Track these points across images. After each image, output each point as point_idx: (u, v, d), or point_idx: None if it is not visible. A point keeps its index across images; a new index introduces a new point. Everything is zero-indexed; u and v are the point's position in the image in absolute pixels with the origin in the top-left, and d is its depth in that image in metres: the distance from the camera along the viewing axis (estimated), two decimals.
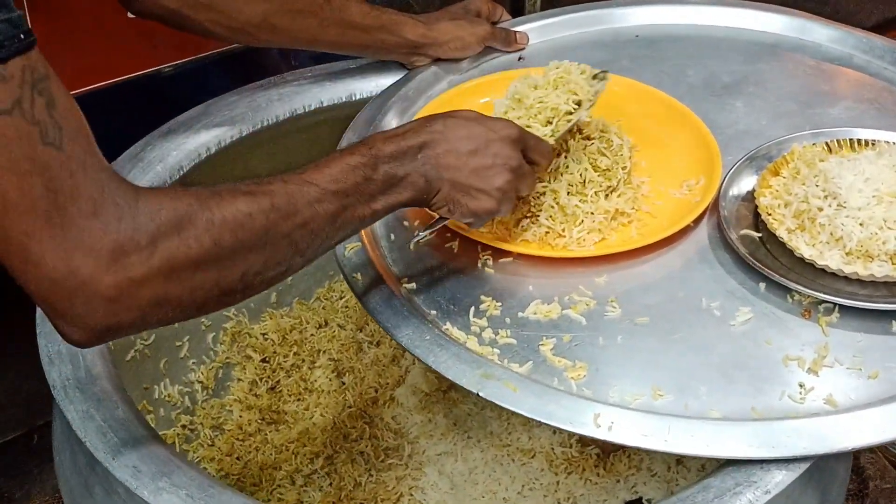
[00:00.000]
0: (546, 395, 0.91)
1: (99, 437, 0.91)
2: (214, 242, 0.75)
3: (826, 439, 0.88)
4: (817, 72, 1.37)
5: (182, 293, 0.75)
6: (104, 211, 0.70)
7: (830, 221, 1.05)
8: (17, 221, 0.68)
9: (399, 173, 0.90)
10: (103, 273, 0.70)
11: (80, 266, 0.69)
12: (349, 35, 1.27)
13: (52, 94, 0.69)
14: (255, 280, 0.81)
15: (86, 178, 0.70)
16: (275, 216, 0.79)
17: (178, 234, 0.73)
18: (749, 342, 0.98)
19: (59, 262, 0.69)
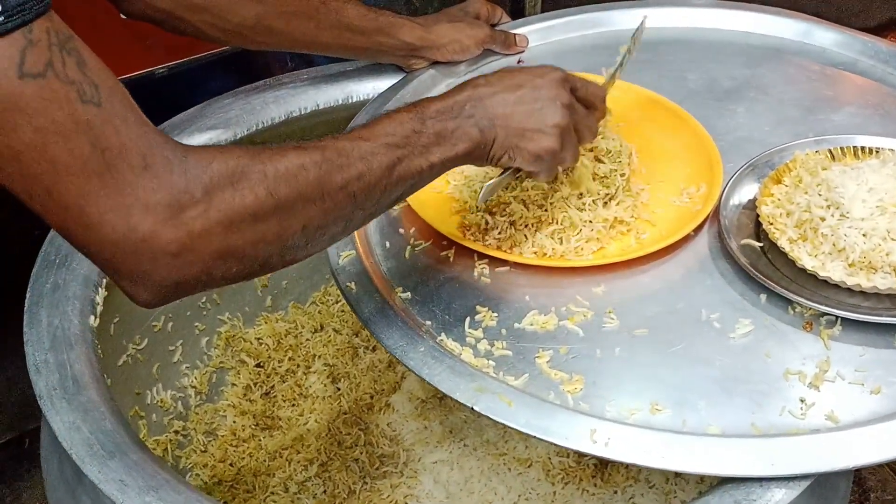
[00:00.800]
0: (541, 409, 0.89)
1: (85, 449, 0.89)
2: (270, 193, 0.74)
3: (827, 457, 0.86)
4: (821, 76, 1.35)
5: (244, 245, 0.74)
6: (155, 165, 0.69)
7: (833, 232, 1.03)
8: (71, 184, 0.66)
9: (449, 127, 0.89)
10: (163, 227, 0.69)
11: (139, 223, 0.68)
12: (345, 38, 1.26)
13: (80, 53, 0.67)
14: (317, 234, 0.80)
15: (131, 132, 0.68)
16: (328, 167, 0.78)
17: (231, 185, 0.72)
18: (749, 355, 0.96)
19: (117, 221, 0.67)
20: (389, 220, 1.12)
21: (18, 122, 0.63)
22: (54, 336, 1.00)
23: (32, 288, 1.06)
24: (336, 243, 1.00)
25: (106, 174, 0.67)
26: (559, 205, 1.06)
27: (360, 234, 1.08)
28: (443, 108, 0.90)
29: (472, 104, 0.91)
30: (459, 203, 1.11)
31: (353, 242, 1.06)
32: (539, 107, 0.93)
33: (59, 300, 1.04)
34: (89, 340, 1.02)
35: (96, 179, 0.67)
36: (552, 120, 0.93)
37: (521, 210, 1.05)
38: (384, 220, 1.12)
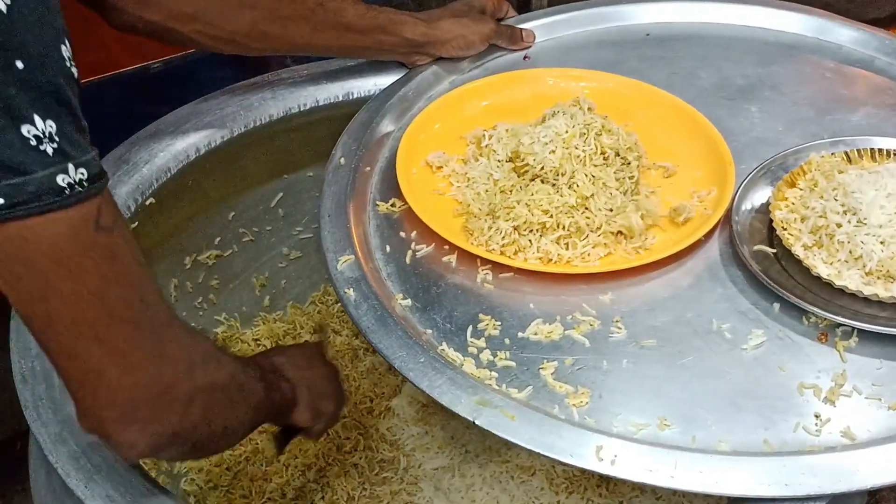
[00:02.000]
0: (545, 424, 0.86)
1: (71, 462, 0.86)
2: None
3: (843, 477, 0.83)
4: (837, 75, 1.31)
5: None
6: (173, 323, 0.78)
7: (849, 239, 0.99)
8: (119, 331, 0.72)
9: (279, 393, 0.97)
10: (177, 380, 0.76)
11: (164, 374, 0.75)
12: (345, 38, 1.22)
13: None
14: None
15: (158, 294, 0.77)
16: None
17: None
18: (761, 368, 0.93)
19: (152, 368, 0.74)
20: (390, 223, 1.08)
21: (88, 268, 0.69)
22: None
23: None
24: (324, 255, 1.03)
25: (146, 325, 0.74)
26: (565, 209, 1.02)
27: (360, 237, 1.05)
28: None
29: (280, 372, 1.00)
30: (462, 206, 1.08)
31: (352, 246, 1.03)
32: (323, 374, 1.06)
33: None
34: None
35: (145, 330, 0.74)
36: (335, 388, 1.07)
37: (525, 214, 1.01)
38: (385, 223, 1.08)
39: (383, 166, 1.16)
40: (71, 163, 0.66)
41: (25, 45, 0.64)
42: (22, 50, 0.63)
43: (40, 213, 0.66)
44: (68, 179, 0.66)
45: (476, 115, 1.20)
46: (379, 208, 1.10)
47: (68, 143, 0.66)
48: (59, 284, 0.68)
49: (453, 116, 1.20)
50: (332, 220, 1.06)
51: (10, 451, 1.56)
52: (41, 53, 0.65)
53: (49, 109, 0.65)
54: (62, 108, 0.66)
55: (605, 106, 1.17)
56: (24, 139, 0.64)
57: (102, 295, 0.70)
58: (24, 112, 0.64)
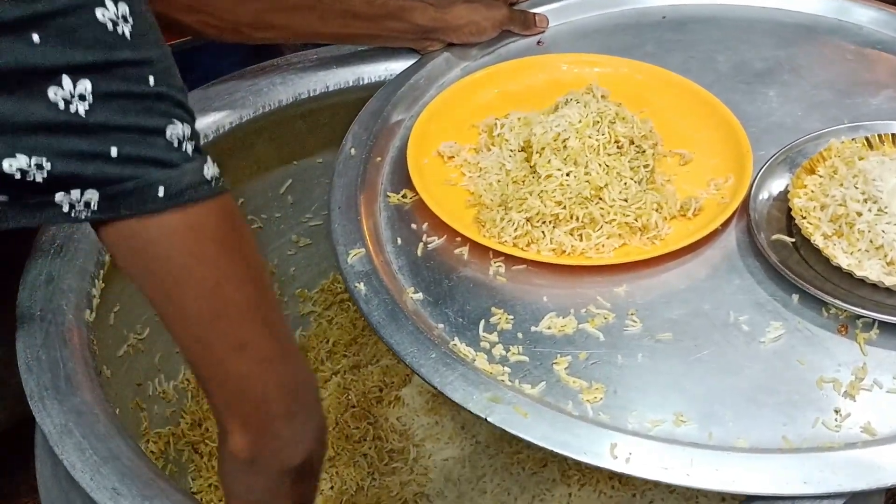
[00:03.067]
0: (559, 421, 0.84)
1: (77, 454, 0.85)
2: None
3: (864, 474, 0.81)
4: (858, 57, 1.28)
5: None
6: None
7: (870, 228, 0.97)
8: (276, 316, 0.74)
9: None
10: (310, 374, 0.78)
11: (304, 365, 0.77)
12: (354, 26, 1.19)
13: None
14: None
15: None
16: None
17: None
18: (780, 362, 0.91)
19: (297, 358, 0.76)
20: (401, 215, 1.06)
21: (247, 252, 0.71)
22: (47, 332, 0.96)
23: (25, 280, 1.02)
24: (334, 249, 1.02)
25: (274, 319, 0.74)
26: (579, 200, 1.00)
27: (371, 230, 1.03)
28: None
29: None
30: (474, 197, 1.06)
31: (362, 239, 1.01)
32: None
33: (53, 293, 1.00)
34: (84, 337, 0.98)
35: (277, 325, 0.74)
36: None
37: (538, 206, 0.99)
38: (396, 215, 1.06)
39: (394, 156, 1.14)
40: (209, 157, 0.69)
41: (152, 61, 0.67)
42: (150, 66, 0.67)
43: (198, 199, 0.67)
44: (211, 172, 0.68)
45: (489, 103, 1.18)
46: (390, 199, 1.08)
47: (200, 144, 0.70)
48: (229, 269, 0.70)
49: (465, 104, 1.18)
50: (343, 213, 1.05)
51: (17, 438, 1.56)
52: (165, 69, 0.68)
53: (181, 117, 0.68)
54: (189, 116, 0.69)
55: (619, 92, 1.15)
56: (169, 142, 0.67)
57: (258, 279, 0.72)
58: (165, 120, 0.67)
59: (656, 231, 1.01)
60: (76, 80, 0.63)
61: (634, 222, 1.01)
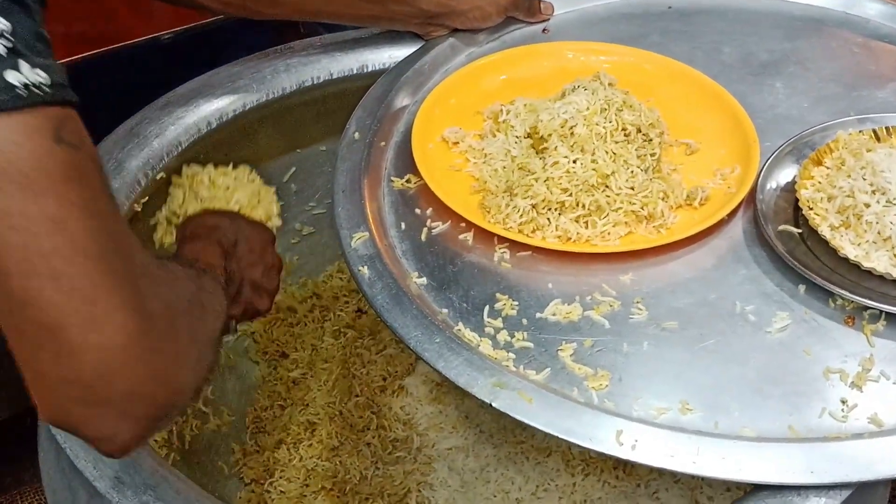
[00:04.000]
0: (564, 407, 0.84)
1: (80, 443, 0.84)
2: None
3: (870, 465, 0.81)
4: (864, 50, 1.27)
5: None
6: (151, 272, 0.65)
7: (878, 219, 0.97)
8: (83, 269, 0.59)
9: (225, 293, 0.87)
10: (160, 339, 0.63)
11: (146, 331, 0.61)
12: (357, 6, 1.19)
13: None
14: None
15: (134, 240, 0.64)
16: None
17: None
18: (786, 352, 0.90)
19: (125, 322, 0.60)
20: (405, 200, 1.06)
21: (44, 186, 0.58)
22: None
23: None
24: (338, 233, 1.01)
25: (116, 265, 0.61)
26: (585, 188, 0.99)
27: (374, 214, 1.03)
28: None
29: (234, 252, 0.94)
30: (479, 183, 1.05)
31: (366, 223, 1.01)
32: (270, 265, 0.99)
33: None
34: None
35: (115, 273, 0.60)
36: (275, 283, 1.00)
37: (544, 192, 0.99)
38: (400, 200, 1.06)
39: (398, 141, 1.13)
40: (24, 60, 0.58)
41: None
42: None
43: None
44: (22, 79, 0.57)
45: (493, 90, 1.17)
46: (394, 184, 1.08)
47: (24, 45, 0.59)
48: (6, 204, 0.57)
49: (470, 91, 1.17)
50: (346, 196, 1.04)
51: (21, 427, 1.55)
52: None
53: (6, 10, 0.59)
54: (22, 10, 0.60)
55: (626, 81, 1.14)
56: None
57: (61, 222, 0.58)
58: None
59: (662, 220, 1.01)
60: None
61: (641, 211, 1.00)
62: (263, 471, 1.30)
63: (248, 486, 1.29)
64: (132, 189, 1.11)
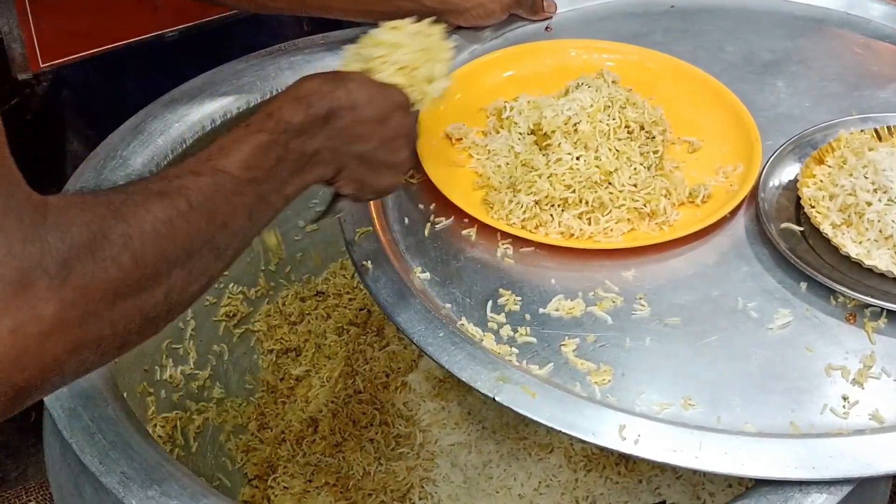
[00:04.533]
0: (567, 402, 0.84)
1: (86, 438, 0.85)
2: (135, 261, 0.63)
3: (871, 461, 0.81)
4: (866, 50, 1.28)
5: (102, 330, 0.62)
6: (5, 229, 0.56)
7: (880, 217, 0.97)
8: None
9: (309, 149, 0.80)
10: (4, 311, 0.56)
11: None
12: (363, 1, 1.19)
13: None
14: (178, 299, 0.68)
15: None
16: (196, 219, 0.68)
17: (91, 255, 0.60)
18: (788, 349, 0.91)
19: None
20: (409, 195, 1.06)
21: None
22: None
23: None
24: (341, 226, 0.97)
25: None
26: (588, 185, 1.00)
27: (378, 209, 1.03)
28: (304, 122, 0.80)
29: (332, 122, 0.82)
30: (482, 179, 1.06)
31: (369, 217, 1.01)
32: (392, 135, 0.86)
33: None
34: None
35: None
36: (403, 156, 0.88)
37: (547, 189, 0.99)
38: (403, 195, 1.06)
39: None
40: None
41: None
42: None
43: None
44: None
45: (497, 87, 1.18)
46: None
47: None
48: None
49: (473, 87, 1.18)
50: None
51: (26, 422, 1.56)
52: None
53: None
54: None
55: (629, 79, 1.15)
56: None
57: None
58: None
59: (665, 217, 1.01)
60: None
61: (643, 207, 1.01)
62: (267, 467, 1.30)
63: (251, 481, 1.30)
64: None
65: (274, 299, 1.46)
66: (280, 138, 0.77)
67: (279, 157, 0.77)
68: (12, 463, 1.60)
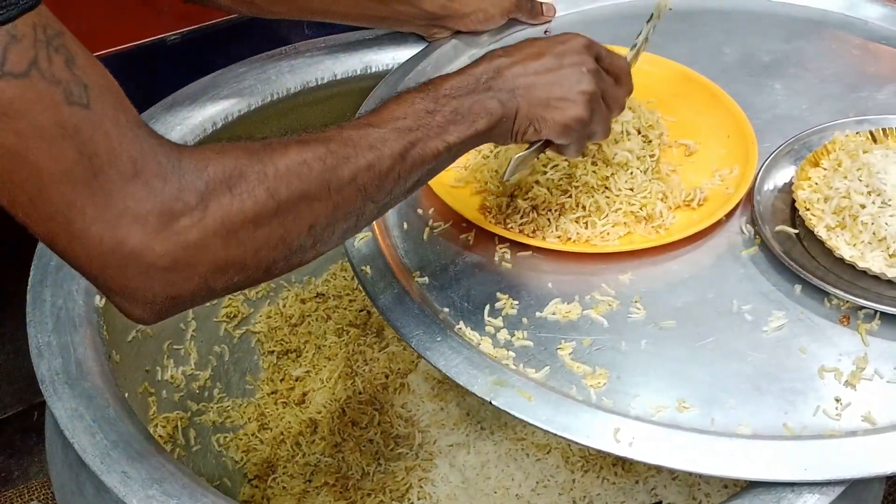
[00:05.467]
0: (563, 405, 0.85)
1: (88, 438, 0.86)
2: (270, 195, 0.69)
3: (864, 462, 0.82)
4: (863, 52, 1.28)
5: (244, 254, 0.69)
6: (146, 171, 0.64)
7: (874, 220, 0.98)
8: (56, 193, 0.62)
9: (466, 103, 0.83)
10: (154, 240, 0.65)
11: (129, 235, 0.64)
12: (363, 6, 1.20)
13: (69, 50, 0.63)
14: (326, 233, 0.75)
15: (121, 136, 0.64)
16: (333, 161, 0.73)
17: (229, 190, 0.68)
18: (782, 351, 0.91)
19: (105, 233, 0.63)
20: (408, 200, 1.06)
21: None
22: (58, 317, 0.97)
23: (36, 266, 1.02)
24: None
25: (93, 182, 0.63)
26: (585, 190, 1.01)
27: None
28: (458, 84, 0.84)
29: (489, 76, 0.85)
30: (480, 184, 1.06)
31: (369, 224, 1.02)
32: (564, 74, 0.87)
33: (63, 279, 1.01)
34: (94, 322, 0.99)
35: (83, 187, 0.63)
36: (579, 87, 0.87)
37: (544, 194, 1.00)
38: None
39: None
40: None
41: None
42: None
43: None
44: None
45: None
46: None
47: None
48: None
49: None
50: None
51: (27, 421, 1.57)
52: None
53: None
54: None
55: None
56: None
57: (23, 153, 0.61)
58: None
59: (661, 220, 1.02)
60: None
61: (640, 211, 1.01)
62: (267, 467, 1.31)
63: (251, 481, 1.31)
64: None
65: (274, 301, 1.47)
66: (429, 96, 0.81)
67: (428, 110, 0.81)
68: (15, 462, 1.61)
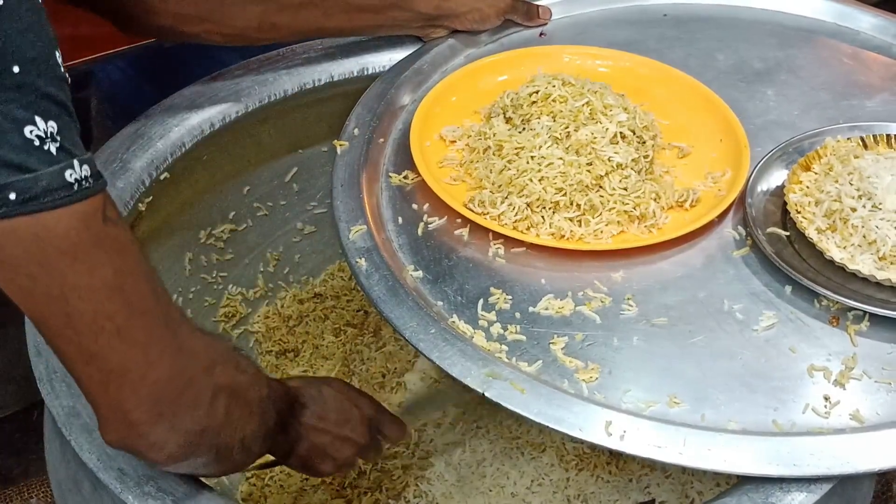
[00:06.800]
0: (555, 398, 0.86)
1: (84, 435, 0.86)
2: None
3: (851, 459, 0.83)
4: (855, 60, 1.30)
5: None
6: (187, 321, 0.77)
7: (864, 223, 0.99)
8: (139, 323, 0.71)
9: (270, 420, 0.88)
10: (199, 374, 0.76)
11: (186, 367, 0.74)
12: (357, 19, 1.21)
13: None
14: None
15: (168, 293, 0.76)
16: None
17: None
18: (772, 350, 0.93)
19: (173, 362, 0.73)
20: (403, 195, 1.08)
21: (102, 260, 0.69)
22: None
23: None
24: (336, 225, 1.02)
25: (162, 317, 0.73)
26: (580, 188, 1.02)
27: (372, 208, 1.05)
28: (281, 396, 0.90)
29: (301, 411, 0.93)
30: (475, 179, 1.07)
31: (364, 216, 1.03)
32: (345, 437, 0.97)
33: None
34: None
35: (162, 323, 0.73)
36: (346, 454, 0.98)
37: (539, 191, 1.01)
38: (397, 195, 1.08)
39: (397, 138, 1.16)
40: (76, 160, 0.67)
41: (21, 50, 0.64)
42: (17, 55, 0.64)
43: (53, 207, 0.66)
44: (75, 175, 0.66)
45: (491, 90, 1.19)
46: (392, 180, 1.10)
47: (70, 143, 0.67)
48: (75, 280, 0.68)
49: (468, 91, 1.20)
50: (345, 190, 1.06)
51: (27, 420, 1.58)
52: (35, 58, 0.65)
53: (48, 111, 0.66)
54: (61, 110, 0.67)
55: (621, 85, 1.17)
56: (28, 140, 0.64)
57: (119, 287, 0.70)
58: (25, 114, 0.64)
59: (654, 220, 1.03)
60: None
61: (633, 211, 1.03)
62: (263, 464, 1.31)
63: (248, 479, 1.31)
64: (136, 189, 1.13)
65: (272, 301, 1.48)
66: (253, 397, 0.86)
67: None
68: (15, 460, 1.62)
